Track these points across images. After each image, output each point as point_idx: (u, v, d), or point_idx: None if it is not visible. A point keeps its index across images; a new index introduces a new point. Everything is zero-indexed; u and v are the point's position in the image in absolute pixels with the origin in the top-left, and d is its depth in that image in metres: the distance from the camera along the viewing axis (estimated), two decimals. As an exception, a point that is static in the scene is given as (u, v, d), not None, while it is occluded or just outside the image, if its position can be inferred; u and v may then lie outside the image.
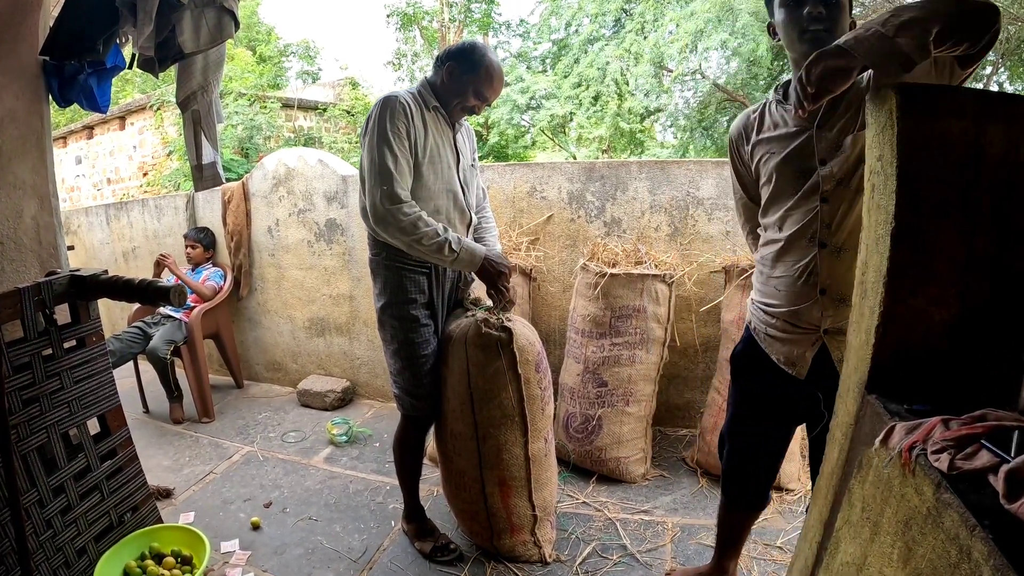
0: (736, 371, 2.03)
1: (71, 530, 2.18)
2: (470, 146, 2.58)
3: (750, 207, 1.99)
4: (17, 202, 2.52)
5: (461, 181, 2.43)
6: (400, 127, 2.18)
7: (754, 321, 1.92)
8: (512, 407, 2.39)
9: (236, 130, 9.41)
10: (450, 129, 2.42)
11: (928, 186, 1.19)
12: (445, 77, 2.32)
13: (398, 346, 2.39)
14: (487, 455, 2.43)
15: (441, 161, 2.33)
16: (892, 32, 1.24)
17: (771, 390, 1.89)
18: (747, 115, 1.89)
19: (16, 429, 2.00)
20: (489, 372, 2.34)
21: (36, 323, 2.09)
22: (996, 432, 0.99)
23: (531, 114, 13.49)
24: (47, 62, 2.58)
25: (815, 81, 1.35)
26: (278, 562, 2.58)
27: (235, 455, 3.60)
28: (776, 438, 2.01)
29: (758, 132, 1.82)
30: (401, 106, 2.20)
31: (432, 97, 2.34)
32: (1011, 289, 1.21)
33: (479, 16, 16.63)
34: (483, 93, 2.33)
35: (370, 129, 2.21)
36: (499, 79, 2.35)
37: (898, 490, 1.04)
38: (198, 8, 2.37)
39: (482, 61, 2.29)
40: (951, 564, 0.86)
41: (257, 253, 4.67)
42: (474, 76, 2.29)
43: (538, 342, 2.50)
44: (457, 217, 2.41)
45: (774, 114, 1.79)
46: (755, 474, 2.07)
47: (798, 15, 1.59)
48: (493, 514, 2.51)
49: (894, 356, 1.27)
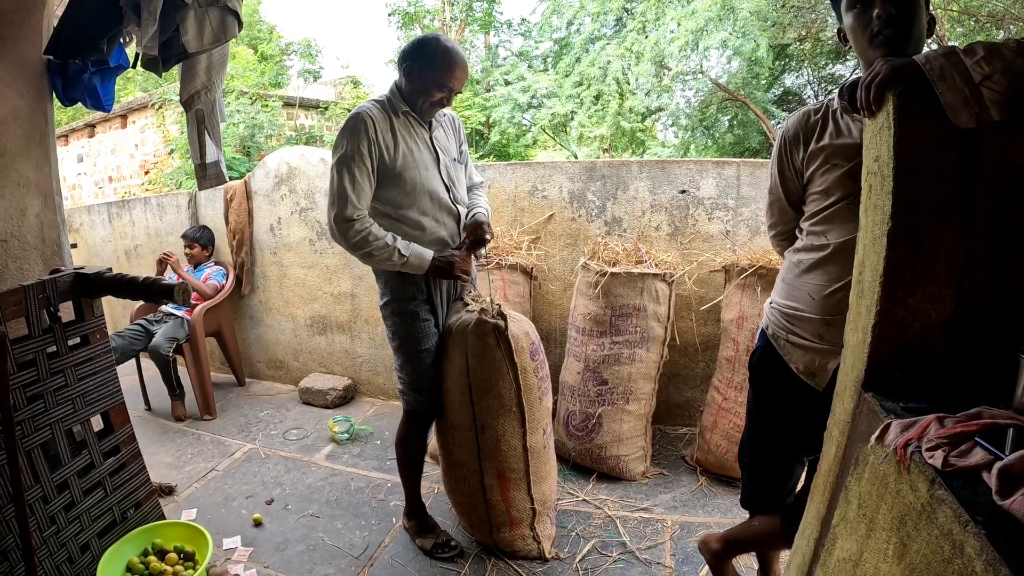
0: (754, 378, 1.95)
1: (75, 526, 2.19)
2: (455, 138, 2.59)
3: (787, 212, 1.86)
4: (21, 200, 2.53)
5: (444, 179, 2.44)
6: (361, 146, 2.22)
7: (772, 327, 1.83)
8: (510, 397, 2.42)
9: (238, 128, 9.40)
10: (424, 130, 2.42)
11: (925, 187, 1.20)
12: (405, 79, 2.33)
13: (400, 341, 2.45)
14: (485, 446, 2.46)
15: (417, 165, 2.35)
16: (979, 77, 1.12)
17: (790, 399, 1.81)
18: (806, 116, 1.72)
19: (20, 426, 2.01)
20: (487, 361, 2.39)
21: (40, 320, 2.09)
22: (991, 430, 1.01)
23: (532, 113, 13.47)
24: (51, 61, 2.60)
25: (875, 95, 1.26)
26: (280, 558, 2.60)
27: (237, 452, 3.61)
28: (795, 444, 1.91)
29: (819, 139, 1.67)
30: (363, 123, 2.23)
31: (401, 102, 2.34)
32: (1008, 289, 1.22)
33: (480, 15, 16.61)
34: (444, 83, 2.30)
35: (336, 147, 2.28)
36: (458, 65, 2.31)
37: (893, 487, 1.05)
38: (202, 8, 2.38)
39: (435, 52, 2.27)
40: (944, 559, 0.87)
41: (259, 251, 4.68)
42: (431, 69, 2.27)
43: (533, 332, 2.55)
44: (444, 215, 2.45)
45: (839, 121, 1.64)
46: (775, 479, 2.01)
47: (867, 17, 1.47)
48: (492, 507, 2.53)
49: (891, 355, 1.28)
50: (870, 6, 1.46)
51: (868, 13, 1.47)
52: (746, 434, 2.05)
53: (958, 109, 1.13)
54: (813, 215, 1.72)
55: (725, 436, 3.03)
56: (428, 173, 2.38)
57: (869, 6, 1.47)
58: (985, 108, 1.11)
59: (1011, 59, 1.11)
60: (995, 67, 1.10)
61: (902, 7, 1.43)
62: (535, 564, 2.51)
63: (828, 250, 1.66)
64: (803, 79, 13.22)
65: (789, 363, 1.78)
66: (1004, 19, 8.77)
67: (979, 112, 1.12)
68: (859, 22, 1.50)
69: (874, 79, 1.25)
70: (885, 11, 1.43)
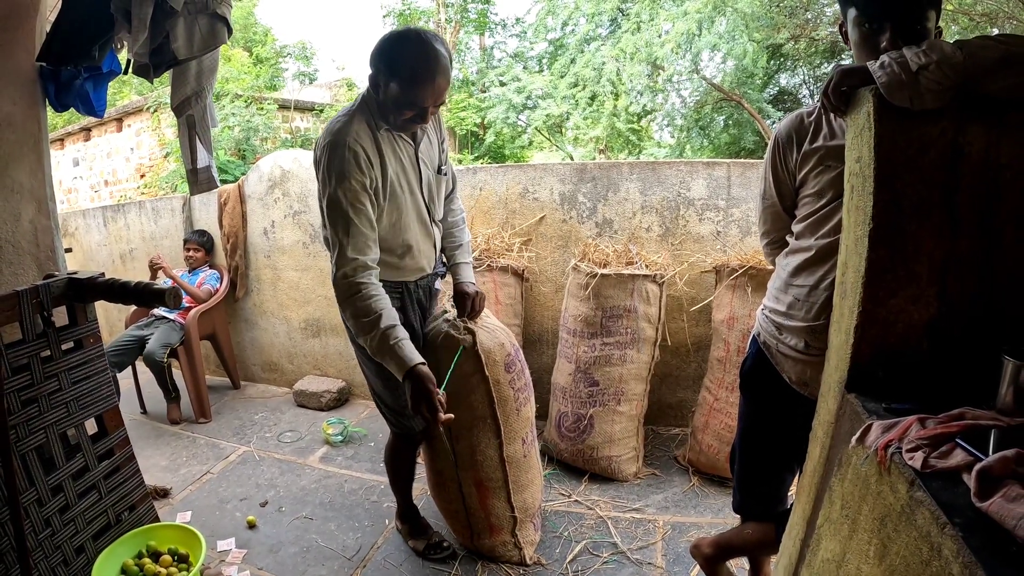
0: (746, 387, 1.95)
1: (69, 529, 2.20)
2: (438, 137, 2.29)
3: (780, 217, 1.84)
4: (15, 206, 2.54)
5: (425, 199, 2.20)
6: (356, 183, 1.92)
7: (764, 335, 1.83)
8: (483, 409, 2.39)
9: (233, 132, 9.39)
10: (410, 144, 2.13)
11: (906, 187, 1.21)
12: (372, 90, 1.99)
13: (377, 366, 2.15)
14: (461, 456, 2.45)
15: (404, 191, 2.10)
16: (916, 66, 1.16)
17: (782, 408, 1.81)
18: (800, 118, 1.70)
19: (15, 429, 2.02)
20: (456, 374, 2.30)
21: (34, 325, 2.10)
22: (973, 431, 1.02)
23: (527, 114, 13.48)
24: (43, 67, 2.61)
25: (831, 96, 1.36)
26: (273, 560, 2.61)
27: (232, 455, 3.62)
28: (787, 452, 1.89)
29: (812, 140, 1.65)
30: (352, 154, 1.92)
31: (379, 115, 2.01)
32: (992, 289, 1.23)
33: (475, 16, 16.61)
34: (415, 101, 1.90)
35: (324, 186, 1.98)
36: (431, 78, 1.88)
37: (874, 488, 1.06)
38: (191, 15, 2.39)
39: (402, 62, 1.88)
40: (923, 561, 0.88)
41: (253, 255, 4.68)
42: (397, 82, 1.89)
43: (510, 343, 2.49)
44: (424, 241, 2.25)
45: (833, 123, 1.63)
46: (766, 485, 2.00)
47: (873, 43, 1.44)
48: (472, 514, 2.53)
49: (874, 355, 1.29)
50: (878, 33, 1.43)
51: (875, 40, 1.44)
52: (737, 441, 2.04)
53: (892, 89, 1.19)
54: (805, 217, 1.72)
55: (717, 436, 3.04)
56: (415, 199, 2.16)
57: (877, 32, 1.43)
58: (920, 95, 1.16)
59: (949, 52, 1.16)
60: (931, 58, 1.16)
61: (910, 40, 1.32)
62: (523, 566, 2.52)
63: (817, 251, 1.65)
64: (798, 78, 13.25)
65: (781, 372, 1.78)
66: (998, 17, 8.79)
67: (913, 96, 1.17)
68: (864, 44, 1.48)
69: (827, 87, 1.36)
70: (892, 46, 1.37)
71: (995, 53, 1.15)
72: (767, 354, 1.82)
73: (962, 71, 1.15)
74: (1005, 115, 1.17)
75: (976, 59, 1.15)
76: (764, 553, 2.18)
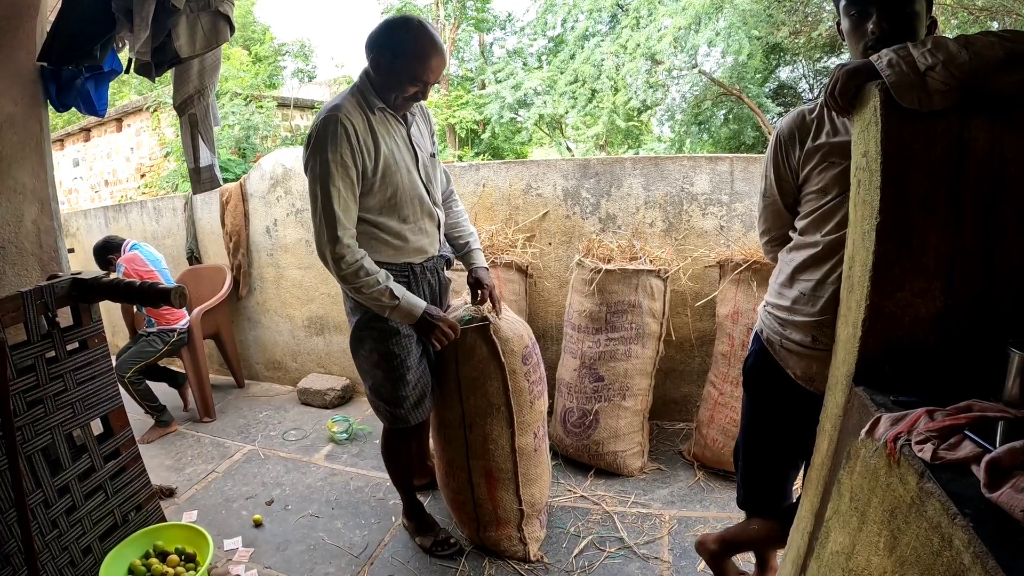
0: (749, 384, 1.94)
1: (76, 529, 2.20)
2: (428, 130, 2.39)
3: (781, 215, 1.84)
4: (18, 206, 2.54)
5: (423, 179, 2.26)
6: (344, 156, 2.01)
7: (767, 331, 1.82)
8: (498, 397, 2.42)
9: (233, 130, 9.38)
10: (402, 125, 2.22)
11: (912, 182, 1.21)
12: (373, 71, 2.10)
13: (379, 358, 2.30)
14: (473, 444, 2.47)
15: (399, 168, 2.16)
16: (924, 66, 1.17)
17: (786, 404, 1.80)
18: (801, 115, 1.70)
19: (21, 431, 2.02)
20: (473, 360, 2.39)
21: (39, 326, 2.11)
22: (981, 423, 1.02)
23: (526, 110, 13.46)
24: (44, 67, 2.60)
25: (838, 99, 1.36)
26: (280, 559, 2.61)
27: (236, 454, 3.62)
28: (791, 449, 1.89)
29: (815, 137, 1.65)
30: (342, 128, 2.01)
31: (374, 96, 2.12)
32: (997, 281, 1.24)
33: (473, 13, 16.58)
34: (418, 76, 2.05)
35: (312, 157, 2.06)
36: (434, 53, 2.05)
37: (884, 480, 1.07)
38: (193, 13, 2.39)
39: (405, 40, 2.03)
40: (934, 552, 0.88)
41: (255, 253, 4.68)
42: (402, 60, 2.03)
43: (528, 336, 2.53)
44: (426, 220, 2.30)
45: (835, 120, 1.62)
46: (770, 482, 1.99)
47: (862, 30, 1.47)
48: (479, 505, 2.54)
49: (881, 349, 1.29)
50: (865, 18, 1.46)
51: (863, 26, 1.47)
52: (741, 438, 2.03)
53: (902, 90, 1.19)
54: (809, 214, 1.70)
55: (722, 431, 3.05)
56: (411, 176, 2.20)
57: (864, 18, 1.46)
58: (928, 96, 1.17)
59: (955, 52, 1.17)
60: (938, 59, 1.16)
61: (897, 23, 1.42)
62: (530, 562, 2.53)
63: (824, 247, 1.64)
64: (798, 72, 13.21)
65: (786, 369, 1.77)
66: (998, 11, 8.77)
67: (922, 98, 1.18)
68: (854, 32, 1.50)
69: (832, 89, 1.36)
70: (880, 29, 1.43)
71: (1000, 51, 1.16)
72: (770, 350, 1.81)
73: (968, 71, 1.15)
74: (1010, 110, 1.18)
75: (982, 58, 1.16)
76: (770, 548, 2.18)
